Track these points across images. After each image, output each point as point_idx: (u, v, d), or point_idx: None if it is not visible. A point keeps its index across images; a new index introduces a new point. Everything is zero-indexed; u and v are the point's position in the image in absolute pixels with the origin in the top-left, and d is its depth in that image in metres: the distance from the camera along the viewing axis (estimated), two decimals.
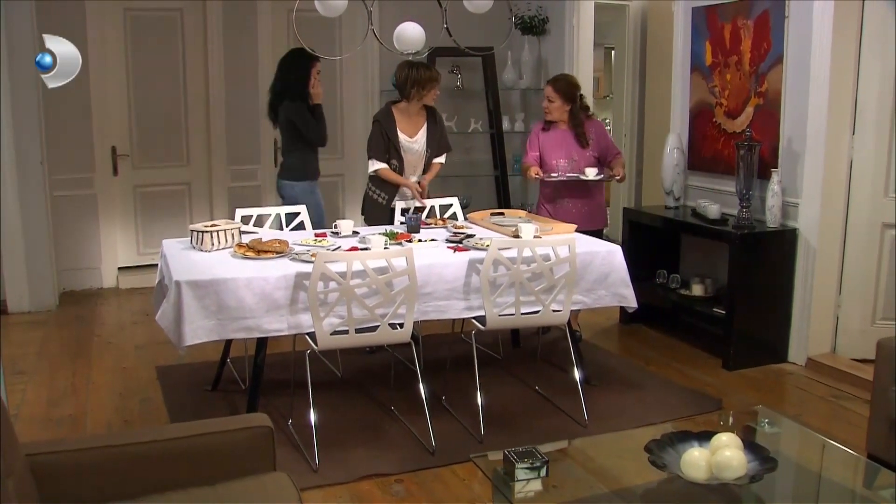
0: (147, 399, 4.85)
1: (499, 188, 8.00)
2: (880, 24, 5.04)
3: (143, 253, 7.47)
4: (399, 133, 5.43)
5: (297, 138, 5.82)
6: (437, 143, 5.59)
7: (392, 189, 5.48)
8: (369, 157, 5.45)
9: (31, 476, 2.41)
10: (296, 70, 5.75)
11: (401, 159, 5.46)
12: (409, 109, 5.46)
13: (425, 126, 5.53)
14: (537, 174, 5.52)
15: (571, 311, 4.54)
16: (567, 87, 5.63)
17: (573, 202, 5.69)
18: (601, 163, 5.65)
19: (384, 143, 5.39)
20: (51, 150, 6.76)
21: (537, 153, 5.68)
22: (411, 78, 5.36)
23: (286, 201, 5.81)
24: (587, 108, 5.79)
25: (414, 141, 5.47)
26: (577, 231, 5.03)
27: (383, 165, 5.41)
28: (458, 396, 4.66)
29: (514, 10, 7.67)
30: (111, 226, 7.35)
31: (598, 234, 5.56)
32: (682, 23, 6.28)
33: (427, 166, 5.61)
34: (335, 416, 4.49)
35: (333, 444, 4.13)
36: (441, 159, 5.67)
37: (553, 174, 5.60)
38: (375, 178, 5.50)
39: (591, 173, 5.53)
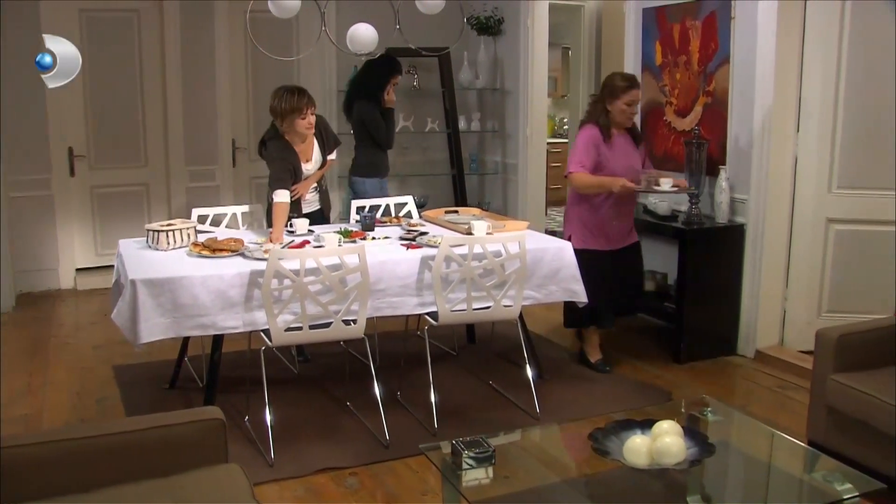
0: (104, 398, 4.87)
1: (456, 187, 8.07)
2: (822, 25, 5.17)
3: (101, 254, 7.45)
4: (302, 164, 5.07)
5: (367, 136, 6.03)
6: (327, 146, 5.22)
7: (296, 206, 5.14)
8: (276, 188, 4.85)
9: None
10: (377, 75, 5.96)
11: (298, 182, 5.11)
12: (303, 136, 5.02)
13: (315, 142, 5.13)
14: (626, 186, 4.88)
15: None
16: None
17: (620, 221, 5.22)
18: None
19: (291, 174, 4.98)
20: (6, 151, 6.73)
21: (592, 162, 4.99)
22: (277, 110, 4.89)
23: (356, 196, 6.01)
24: None
25: (313, 163, 5.15)
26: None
27: (286, 200, 4.83)
28: (412, 391, 4.73)
29: (470, 10, 7.77)
30: (68, 227, 7.33)
31: (637, 247, 5.38)
32: (633, 23, 6.39)
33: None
34: (291, 412, 4.54)
35: (289, 440, 4.19)
36: (332, 156, 5.31)
37: (657, 186, 5.12)
38: None
39: (665, 185, 5.10)
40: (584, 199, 5.12)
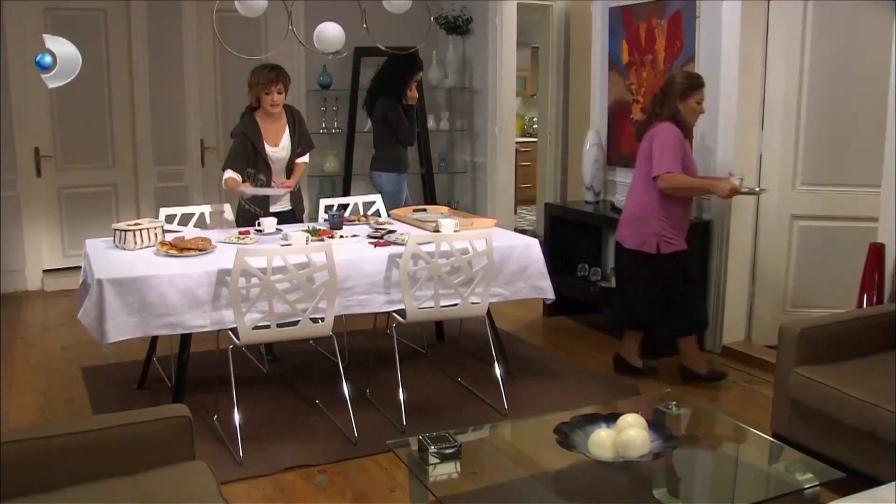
0: (72, 399, 4.84)
1: (425, 186, 8.09)
2: (785, 25, 5.23)
3: (68, 255, 7.38)
4: (265, 145, 5.11)
5: (388, 133, 6.24)
6: (299, 142, 5.27)
7: (265, 203, 5.22)
8: (226, 166, 5.06)
9: None
10: (399, 73, 6.16)
11: (269, 170, 5.16)
12: (271, 114, 5.13)
13: (287, 129, 5.20)
14: (735, 189, 4.84)
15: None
16: None
17: (688, 220, 5.11)
18: None
19: (246, 157, 5.06)
20: None
21: (680, 162, 4.79)
22: (249, 82, 5.09)
23: (377, 191, 6.19)
24: None
25: (280, 149, 5.17)
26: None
27: (234, 175, 5.00)
28: (381, 389, 4.74)
29: (437, 9, 7.79)
30: (35, 228, 7.27)
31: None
32: (599, 22, 6.44)
33: (291, 169, 5.30)
34: (260, 411, 4.54)
35: (258, 438, 4.18)
36: (304, 159, 5.36)
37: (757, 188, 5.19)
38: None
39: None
40: (671, 200, 4.85)
